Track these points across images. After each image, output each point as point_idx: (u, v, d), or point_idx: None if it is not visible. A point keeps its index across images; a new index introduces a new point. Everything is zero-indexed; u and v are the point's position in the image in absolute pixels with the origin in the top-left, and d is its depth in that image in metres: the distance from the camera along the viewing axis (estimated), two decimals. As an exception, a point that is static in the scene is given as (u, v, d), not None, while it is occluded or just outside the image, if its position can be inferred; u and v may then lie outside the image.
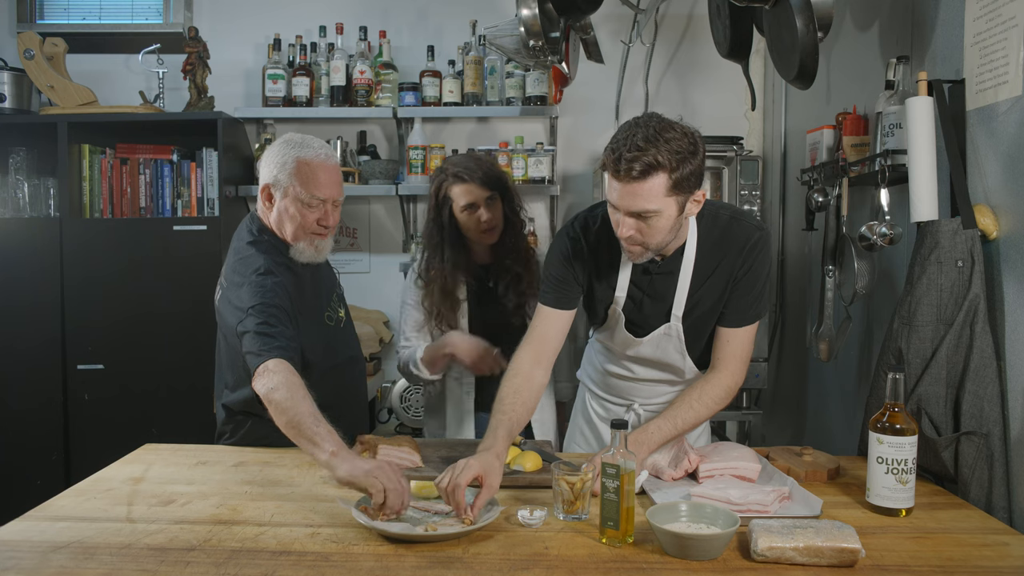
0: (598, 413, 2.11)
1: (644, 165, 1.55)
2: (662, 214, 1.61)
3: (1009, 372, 1.69)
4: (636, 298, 1.85)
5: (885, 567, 1.31)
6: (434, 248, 2.19)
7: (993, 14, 1.75)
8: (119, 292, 3.16)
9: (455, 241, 2.18)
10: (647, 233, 1.64)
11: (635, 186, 1.58)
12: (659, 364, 1.94)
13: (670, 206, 1.61)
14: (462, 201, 2.13)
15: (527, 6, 2.55)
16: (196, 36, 3.31)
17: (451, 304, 2.20)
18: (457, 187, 2.13)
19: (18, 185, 3.27)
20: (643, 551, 1.37)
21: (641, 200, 1.59)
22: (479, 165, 2.15)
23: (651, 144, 1.55)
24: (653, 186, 1.57)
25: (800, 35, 2.07)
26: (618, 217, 1.65)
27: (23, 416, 3.16)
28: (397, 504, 1.45)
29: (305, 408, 1.61)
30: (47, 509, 1.56)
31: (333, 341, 2.05)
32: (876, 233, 2.09)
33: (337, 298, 2.13)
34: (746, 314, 1.81)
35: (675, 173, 1.58)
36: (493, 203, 2.15)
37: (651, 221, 1.62)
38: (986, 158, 1.78)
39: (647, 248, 1.69)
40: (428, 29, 3.54)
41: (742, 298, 1.80)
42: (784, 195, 3.32)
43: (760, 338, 2.92)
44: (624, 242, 1.69)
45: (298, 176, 1.86)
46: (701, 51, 3.41)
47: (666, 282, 1.82)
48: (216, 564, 1.30)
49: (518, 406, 1.71)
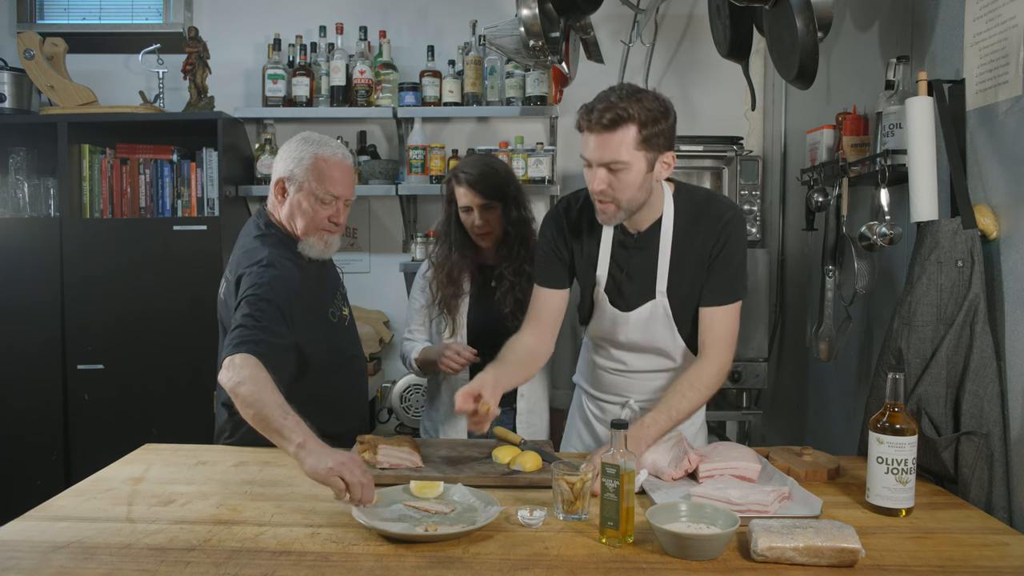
0: (594, 414, 2.11)
1: (614, 115, 1.66)
2: (631, 168, 1.70)
3: (1009, 372, 1.69)
4: (617, 276, 1.90)
5: (885, 567, 1.31)
6: (444, 237, 2.32)
7: (993, 14, 1.75)
8: (119, 292, 3.16)
9: (461, 236, 2.29)
10: (618, 188, 1.72)
11: (606, 136, 1.68)
12: (650, 349, 1.94)
13: (639, 160, 1.70)
14: (461, 202, 2.25)
15: (527, 6, 2.56)
16: (196, 36, 3.31)
17: (455, 291, 2.28)
18: (459, 188, 2.24)
19: (18, 185, 3.27)
20: (643, 551, 1.37)
21: (611, 151, 1.68)
22: (484, 172, 2.22)
23: (623, 100, 1.67)
24: (624, 137, 1.68)
25: (800, 35, 2.07)
26: (591, 173, 1.74)
27: (23, 416, 3.16)
28: (358, 497, 1.47)
29: (272, 400, 1.60)
30: (47, 509, 1.56)
31: (336, 338, 2.05)
32: (876, 233, 2.09)
33: (341, 296, 2.14)
34: (724, 292, 1.84)
35: (644, 129, 1.68)
36: (488, 211, 2.22)
37: (621, 175, 1.71)
38: (986, 158, 1.78)
39: (619, 207, 1.76)
40: (428, 29, 3.54)
41: (719, 275, 1.84)
42: (784, 195, 3.32)
43: (760, 338, 2.93)
44: (596, 198, 1.76)
45: (315, 172, 1.90)
46: (701, 51, 3.41)
47: (646, 258, 1.88)
48: (216, 564, 1.30)
49: (510, 355, 1.85)
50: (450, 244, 2.30)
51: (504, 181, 2.25)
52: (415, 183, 3.29)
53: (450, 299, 2.29)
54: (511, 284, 2.24)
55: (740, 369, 2.90)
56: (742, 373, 2.90)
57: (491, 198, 2.21)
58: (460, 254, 2.29)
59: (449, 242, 2.30)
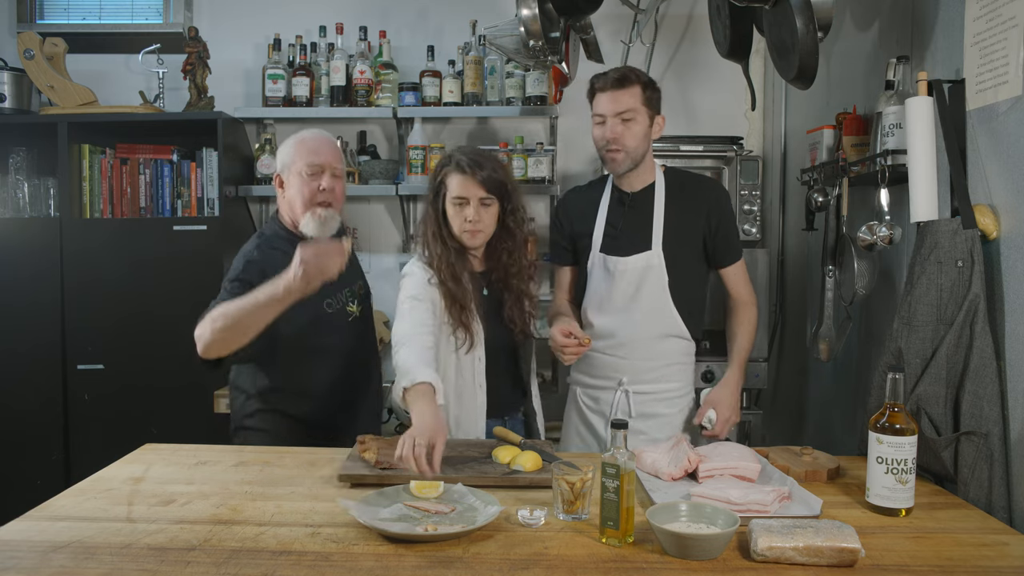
0: (588, 406, 2.20)
1: (623, 74, 2.10)
2: (638, 118, 2.09)
3: (1009, 372, 1.69)
4: (612, 233, 2.18)
5: (885, 567, 1.31)
6: (435, 236, 2.03)
7: (993, 14, 1.75)
8: (119, 292, 3.16)
9: (450, 233, 2.03)
10: (627, 136, 2.09)
11: (618, 92, 2.08)
12: (641, 308, 2.12)
13: (643, 115, 2.10)
14: (454, 192, 2.00)
15: (527, 6, 2.55)
16: (196, 36, 3.31)
17: (463, 295, 1.98)
18: (455, 176, 2.00)
19: (18, 185, 3.27)
20: (643, 551, 1.37)
21: (623, 102, 2.08)
22: (486, 163, 2.00)
23: (627, 67, 2.15)
24: (632, 91, 2.09)
25: (800, 35, 2.07)
26: (603, 128, 2.10)
27: (23, 416, 3.16)
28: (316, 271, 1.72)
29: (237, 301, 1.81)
30: (47, 509, 1.56)
31: (327, 329, 2.08)
32: (876, 233, 2.09)
33: (351, 293, 2.17)
34: (734, 251, 2.21)
35: (647, 90, 2.11)
36: (485, 206, 2.01)
37: (631, 124, 2.08)
38: (986, 158, 1.78)
39: (627, 154, 2.10)
40: (428, 29, 3.54)
41: (724, 239, 2.18)
42: (784, 195, 3.32)
43: (760, 338, 2.92)
44: (608, 148, 2.10)
45: (298, 152, 2.08)
46: (701, 51, 3.41)
47: (640, 214, 2.16)
48: (216, 564, 1.30)
49: (564, 309, 2.25)
50: (443, 241, 2.02)
51: (506, 175, 2.05)
52: (415, 183, 3.29)
53: (462, 307, 1.99)
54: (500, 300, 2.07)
55: (740, 369, 2.89)
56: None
57: (492, 192, 2.00)
58: (457, 253, 2.02)
59: (442, 238, 2.02)
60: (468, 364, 2.03)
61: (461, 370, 2.03)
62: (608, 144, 2.10)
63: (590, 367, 2.21)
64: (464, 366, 2.03)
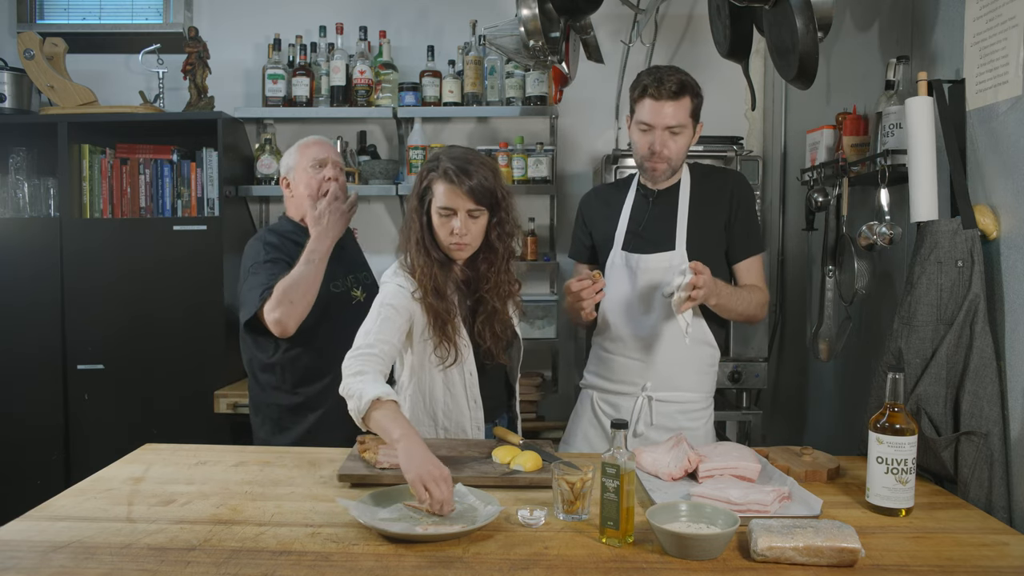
0: (606, 412, 2.12)
1: (679, 83, 1.94)
2: (685, 133, 1.99)
3: (1009, 372, 1.69)
4: (636, 227, 2.09)
5: (885, 567, 1.31)
6: (418, 244, 1.88)
7: (993, 14, 1.75)
8: (119, 292, 3.16)
9: (434, 241, 1.89)
10: (673, 149, 1.99)
11: (672, 104, 1.95)
12: (667, 312, 1.98)
13: (690, 128, 2.00)
14: (441, 202, 1.84)
15: (527, 6, 2.55)
16: (196, 36, 3.31)
17: (447, 308, 1.87)
18: (441, 184, 1.83)
19: (18, 185, 3.27)
20: (643, 551, 1.37)
21: (676, 116, 1.95)
22: (475, 170, 1.82)
23: (681, 73, 1.97)
24: (684, 104, 1.96)
25: (800, 35, 2.07)
26: (650, 137, 1.98)
27: (23, 416, 3.16)
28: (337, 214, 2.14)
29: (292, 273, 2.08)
30: (47, 509, 1.56)
31: (336, 308, 2.22)
32: (876, 233, 2.09)
33: (355, 279, 2.33)
34: (751, 245, 2.10)
35: (695, 99, 1.99)
36: (474, 218, 1.85)
37: (678, 138, 1.98)
38: (986, 158, 1.78)
39: (669, 165, 2.01)
40: (428, 29, 3.54)
41: (742, 230, 2.08)
42: (784, 195, 3.32)
43: (760, 338, 2.93)
44: (652, 160, 2.00)
45: (301, 154, 2.29)
46: (701, 51, 3.41)
47: (665, 211, 2.08)
48: (216, 564, 1.30)
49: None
50: (426, 251, 1.87)
51: (496, 182, 1.86)
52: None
53: (446, 320, 1.87)
54: (492, 311, 1.92)
55: (740, 369, 2.90)
56: (742, 373, 2.90)
57: (481, 203, 1.83)
58: (440, 265, 1.87)
59: (425, 248, 1.87)
60: (458, 379, 1.92)
61: (450, 386, 1.92)
62: (652, 156, 2.00)
63: (609, 371, 2.10)
64: (453, 381, 1.92)
